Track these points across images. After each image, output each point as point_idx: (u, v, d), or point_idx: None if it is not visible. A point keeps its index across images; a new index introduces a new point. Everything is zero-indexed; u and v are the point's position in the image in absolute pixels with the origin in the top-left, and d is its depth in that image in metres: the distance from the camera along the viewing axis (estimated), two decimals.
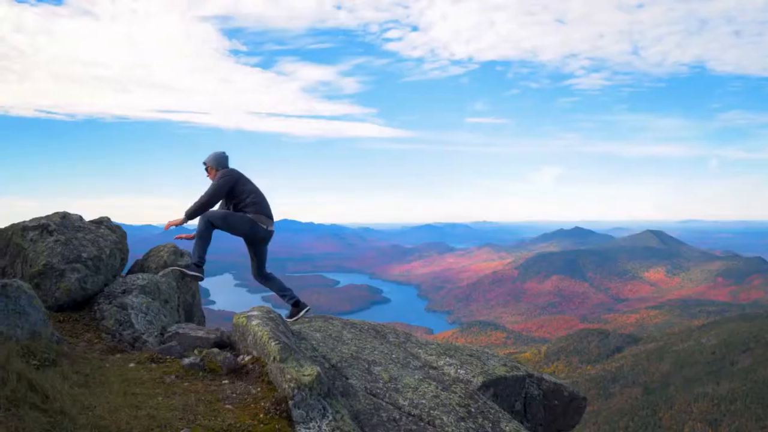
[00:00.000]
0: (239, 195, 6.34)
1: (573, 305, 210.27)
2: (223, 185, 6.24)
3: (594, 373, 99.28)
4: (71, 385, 3.44)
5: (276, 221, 6.73)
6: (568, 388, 6.08)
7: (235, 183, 6.32)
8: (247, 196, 6.35)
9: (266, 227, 6.47)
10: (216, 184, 6.23)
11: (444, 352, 5.81)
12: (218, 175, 6.33)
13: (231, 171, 6.39)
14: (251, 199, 6.35)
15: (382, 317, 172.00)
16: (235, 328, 4.66)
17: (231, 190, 6.33)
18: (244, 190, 6.36)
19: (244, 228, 6.35)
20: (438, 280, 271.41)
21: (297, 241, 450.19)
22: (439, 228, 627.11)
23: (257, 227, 6.38)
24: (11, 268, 5.67)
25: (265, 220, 6.41)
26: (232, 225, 6.30)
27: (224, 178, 6.25)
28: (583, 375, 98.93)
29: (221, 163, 6.49)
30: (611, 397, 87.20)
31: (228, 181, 6.27)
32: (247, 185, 6.43)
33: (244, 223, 6.31)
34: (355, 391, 4.36)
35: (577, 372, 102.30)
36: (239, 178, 6.39)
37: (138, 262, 7.18)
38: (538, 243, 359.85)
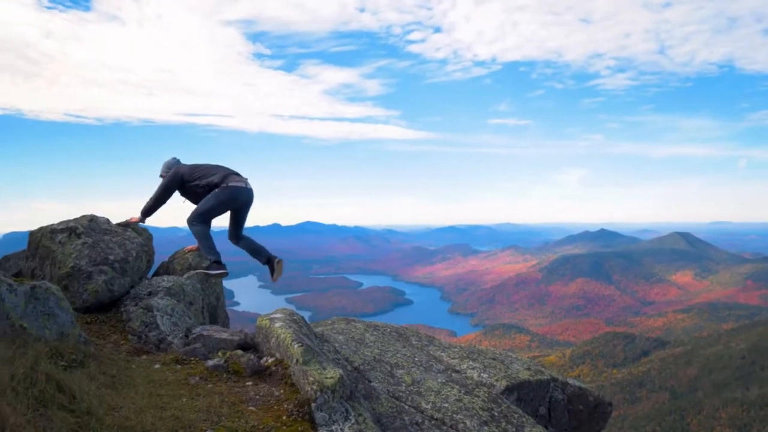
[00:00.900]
0: (195, 179, 6.52)
1: (598, 308, 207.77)
2: (172, 177, 6.52)
3: (620, 377, 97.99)
4: (98, 386, 3.48)
5: (299, 223, 6.91)
6: (593, 393, 6.01)
7: (183, 174, 6.55)
8: (202, 176, 6.50)
9: (245, 185, 6.56)
10: (165, 181, 6.57)
11: (467, 356, 5.77)
12: (165, 178, 6.62)
13: (173, 172, 6.60)
14: (211, 174, 6.50)
15: (405, 319, 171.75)
16: (258, 330, 4.69)
17: (184, 180, 6.55)
18: (196, 175, 6.52)
19: (227, 200, 6.45)
20: (461, 282, 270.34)
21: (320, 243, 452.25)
22: (463, 230, 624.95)
23: (237, 191, 6.46)
24: (40, 270, 5.78)
25: (238, 180, 6.50)
26: (219, 204, 6.45)
27: (171, 174, 6.56)
28: (609, 379, 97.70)
29: (170, 165, 6.79)
30: (637, 401, 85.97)
31: (175, 174, 6.54)
32: (197, 169, 6.59)
33: (225, 197, 6.41)
34: (378, 394, 4.35)
35: (602, 376, 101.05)
36: (184, 172, 6.57)
37: (163, 264, 7.26)
38: (562, 245, 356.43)
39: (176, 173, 6.57)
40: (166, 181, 6.60)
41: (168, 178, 6.59)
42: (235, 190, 6.43)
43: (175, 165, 6.76)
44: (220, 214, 6.61)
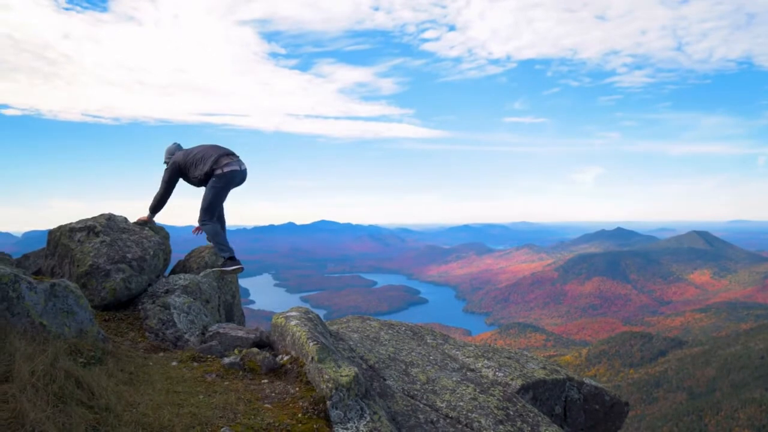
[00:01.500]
0: (192, 167, 6.62)
1: (615, 307, 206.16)
2: (171, 172, 6.68)
3: (637, 377, 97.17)
4: (116, 383, 3.52)
5: (314, 222, 6.99)
6: (609, 393, 5.96)
7: (181, 164, 6.66)
8: (199, 162, 6.58)
9: (240, 167, 6.64)
10: (165, 175, 6.72)
11: (482, 354, 5.76)
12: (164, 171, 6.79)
13: (171, 160, 6.75)
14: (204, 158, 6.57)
15: (419, 318, 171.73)
16: (274, 328, 4.72)
17: (184, 169, 6.66)
18: (192, 162, 6.62)
19: (225, 186, 6.58)
20: (476, 281, 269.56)
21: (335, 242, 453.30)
22: (477, 229, 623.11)
23: (233, 174, 6.56)
24: (59, 268, 5.85)
25: (231, 161, 6.58)
26: (219, 195, 6.60)
27: (169, 168, 6.71)
28: (626, 379, 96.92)
29: (172, 151, 6.93)
30: (654, 401, 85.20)
31: (172, 165, 6.68)
32: (190, 154, 6.67)
33: (222, 184, 6.53)
34: (393, 393, 4.36)
35: (619, 376, 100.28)
36: (180, 162, 6.67)
37: (180, 263, 7.33)
38: (578, 244, 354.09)
39: (174, 165, 6.71)
40: (165, 175, 6.75)
41: (167, 172, 6.74)
42: (230, 174, 6.54)
43: (177, 147, 6.96)
44: (223, 201, 6.78)
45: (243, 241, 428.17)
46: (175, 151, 6.92)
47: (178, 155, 6.74)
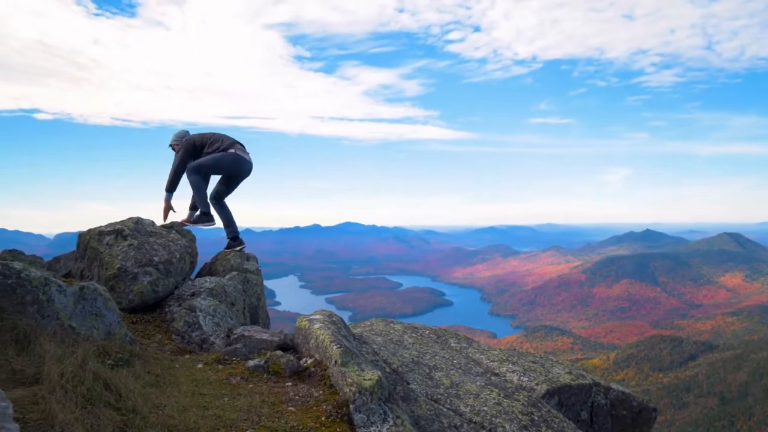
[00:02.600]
0: (205, 146, 7.03)
1: (644, 311, 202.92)
2: (184, 147, 6.98)
3: (666, 381, 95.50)
4: (143, 385, 3.57)
5: (339, 224, 7.17)
6: (637, 398, 5.87)
7: (194, 143, 7.02)
8: (212, 141, 7.04)
9: (248, 158, 7.22)
10: (179, 152, 7.01)
11: (506, 359, 5.71)
12: (177, 151, 7.11)
13: (185, 141, 7.07)
14: (218, 140, 7.05)
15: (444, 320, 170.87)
16: (297, 331, 4.74)
17: (199, 147, 7.04)
18: (205, 142, 7.05)
19: (226, 164, 7.06)
20: (502, 283, 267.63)
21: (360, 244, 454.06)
22: (503, 230, 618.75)
23: (241, 160, 7.12)
24: (89, 271, 5.96)
25: (243, 150, 7.17)
26: (221, 165, 7.07)
27: (182, 147, 7.01)
28: (655, 383, 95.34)
29: (181, 136, 7.28)
30: (685, 406, 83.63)
31: (186, 143, 7.00)
32: (204, 138, 7.09)
33: (228, 160, 7.02)
34: (416, 396, 4.35)
35: (648, 380, 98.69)
36: (195, 139, 7.07)
37: (206, 265, 7.41)
38: (606, 246, 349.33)
39: (188, 142, 7.02)
40: (180, 153, 7.01)
41: (181, 148, 7.00)
42: (238, 157, 7.05)
43: (186, 133, 7.28)
44: (217, 173, 7.27)
45: (269, 243, 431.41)
46: (183, 135, 7.28)
47: (193, 135, 7.13)
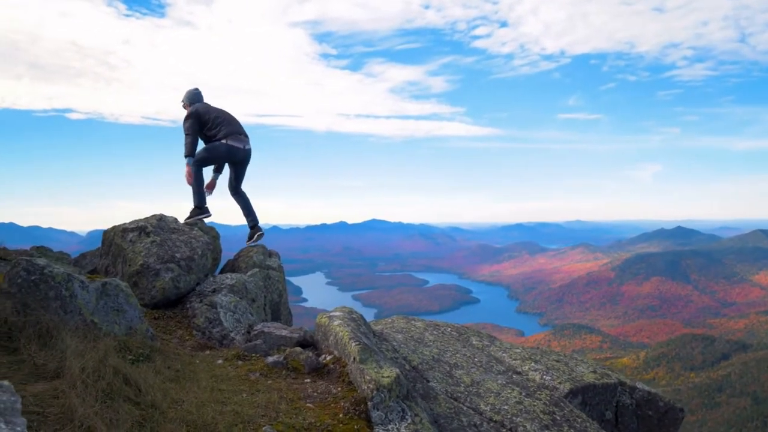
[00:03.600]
0: (207, 125, 7.30)
1: (675, 309, 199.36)
2: (190, 126, 7.21)
3: (698, 381, 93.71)
4: (163, 380, 3.60)
5: (365, 221, 7.16)
6: (663, 399, 5.75)
7: (199, 117, 7.25)
8: (214, 124, 7.30)
9: (243, 146, 7.49)
10: (186, 128, 7.23)
11: (529, 357, 5.64)
12: (184, 118, 7.30)
13: (191, 109, 7.31)
14: (219, 125, 7.30)
15: (471, 318, 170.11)
16: (317, 328, 4.74)
17: (201, 122, 7.28)
18: (209, 120, 7.30)
19: (222, 154, 7.40)
20: (529, 281, 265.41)
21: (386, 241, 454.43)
22: (530, 227, 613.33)
23: (234, 150, 7.39)
24: (113, 267, 6.05)
25: (238, 139, 7.42)
26: (214, 156, 7.41)
27: (188, 121, 7.23)
28: (686, 383, 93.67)
29: (191, 98, 7.52)
30: (717, 407, 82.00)
31: (193, 121, 7.22)
32: (211, 114, 7.34)
33: (221, 150, 7.32)
34: (436, 394, 4.31)
35: (679, 379, 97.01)
36: (201, 113, 7.29)
37: (229, 262, 7.47)
38: (636, 243, 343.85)
39: (195, 114, 7.25)
40: (188, 122, 7.21)
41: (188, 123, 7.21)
42: (230, 147, 7.34)
43: (197, 97, 7.52)
44: (214, 164, 7.67)
45: (296, 240, 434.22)
46: (195, 97, 7.54)
47: (199, 106, 7.35)
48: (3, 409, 1.46)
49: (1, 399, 1.48)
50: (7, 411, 1.46)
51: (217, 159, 7.53)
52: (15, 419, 1.44)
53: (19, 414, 1.49)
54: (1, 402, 1.48)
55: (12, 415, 1.46)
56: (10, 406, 1.48)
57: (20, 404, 1.49)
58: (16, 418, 1.44)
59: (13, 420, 1.43)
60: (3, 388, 1.54)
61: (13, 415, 1.46)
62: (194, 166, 7.35)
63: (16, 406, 1.49)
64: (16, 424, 1.42)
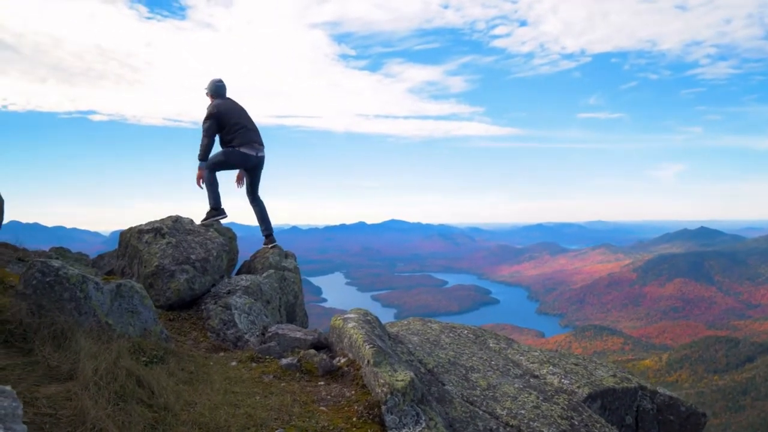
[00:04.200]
0: (225, 129, 7.35)
1: (698, 311, 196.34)
2: (210, 126, 7.30)
3: (722, 383, 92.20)
4: (176, 382, 3.59)
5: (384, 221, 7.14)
6: (685, 403, 5.63)
7: (219, 119, 7.30)
8: (231, 130, 7.34)
9: (256, 153, 7.59)
10: (204, 129, 7.32)
11: (547, 360, 5.55)
12: (204, 117, 7.35)
13: (213, 109, 7.31)
14: (236, 132, 7.35)
15: (491, 319, 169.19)
16: (332, 330, 4.71)
17: (219, 126, 7.34)
18: (228, 124, 7.34)
19: (236, 161, 7.51)
20: (549, 281, 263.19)
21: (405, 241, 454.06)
22: (551, 228, 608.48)
23: (247, 156, 7.48)
24: (129, 269, 6.08)
25: (252, 147, 7.52)
26: (227, 161, 7.49)
27: (207, 121, 7.31)
28: (710, 385, 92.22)
29: (215, 91, 7.55)
30: (741, 410, 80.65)
31: (212, 122, 7.28)
32: (231, 118, 7.38)
33: (235, 157, 7.44)
34: (451, 398, 4.26)
35: (702, 382, 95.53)
36: (222, 115, 7.32)
37: (245, 263, 7.48)
38: (658, 244, 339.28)
39: (215, 115, 7.29)
40: (206, 128, 7.29)
41: (207, 124, 7.28)
42: (242, 154, 7.44)
43: (220, 89, 7.58)
44: (227, 169, 7.69)
45: (315, 240, 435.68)
46: (219, 90, 7.57)
47: (220, 105, 7.38)
48: (4, 415, 1.44)
49: (2, 405, 1.46)
50: (8, 417, 1.44)
51: (230, 165, 7.63)
52: (15, 426, 1.42)
53: (20, 420, 1.46)
54: (2, 408, 1.46)
55: (12, 422, 1.43)
56: (11, 411, 1.46)
57: (21, 410, 1.47)
58: (17, 425, 1.42)
59: (14, 427, 1.41)
60: (5, 393, 1.52)
61: (13, 422, 1.44)
62: (208, 169, 7.46)
63: (17, 411, 1.47)
64: (16, 430, 1.40)
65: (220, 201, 7.54)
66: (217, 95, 7.55)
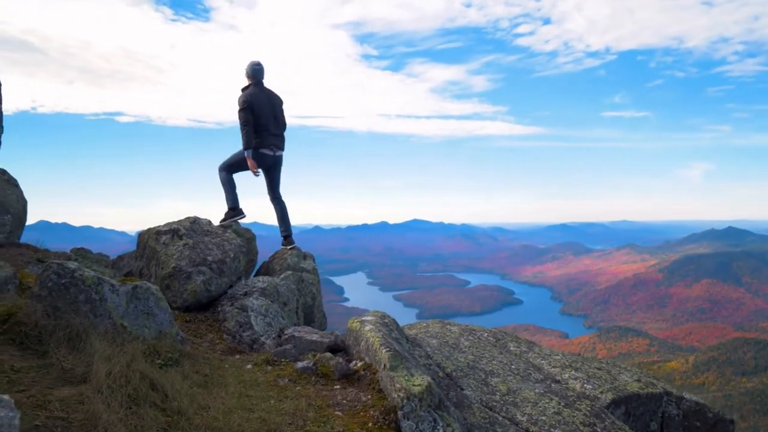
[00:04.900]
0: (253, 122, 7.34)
1: (726, 312, 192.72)
2: (246, 116, 7.30)
3: (750, 386, 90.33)
4: (190, 385, 3.56)
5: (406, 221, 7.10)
6: (712, 410, 5.46)
7: (254, 108, 7.32)
8: (254, 124, 7.35)
9: (273, 153, 7.64)
10: (242, 120, 7.32)
11: (569, 364, 5.43)
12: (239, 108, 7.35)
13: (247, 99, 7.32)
14: (261, 132, 7.39)
15: (514, 319, 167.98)
16: (349, 333, 4.65)
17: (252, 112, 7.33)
18: (258, 116, 7.36)
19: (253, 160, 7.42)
20: (573, 282, 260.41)
21: (427, 241, 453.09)
22: (575, 228, 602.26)
23: (263, 156, 7.51)
24: (147, 270, 6.09)
25: (269, 147, 7.56)
26: (245, 163, 7.46)
27: (243, 112, 7.30)
28: (738, 388, 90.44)
29: (253, 73, 7.61)
30: None
31: (248, 112, 7.29)
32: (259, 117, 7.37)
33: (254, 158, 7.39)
34: (470, 403, 4.17)
35: (730, 384, 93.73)
36: (255, 109, 7.33)
37: (264, 264, 7.47)
38: (685, 244, 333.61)
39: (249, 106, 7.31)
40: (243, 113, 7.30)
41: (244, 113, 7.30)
42: (259, 154, 7.47)
43: (257, 73, 7.57)
44: (245, 170, 7.66)
45: (337, 240, 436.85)
46: (257, 73, 7.57)
47: (253, 98, 7.38)
48: (0, 426, 1.40)
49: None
50: (4, 427, 1.40)
51: (246, 166, 7.60)
52: None
53: (16, 430, 1.42)
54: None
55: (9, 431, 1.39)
56: (8, 422, 1.42)
57: (18, 420, 1.43)
58: None
59: None
60: (2, 402, 1.49)
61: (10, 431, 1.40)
62: (225, 170, 7.54)
63: (14, 422, 1.43)
64: None
65: (237, 201, 7.56)
66: (254, 78, 7.54)
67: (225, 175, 7.56)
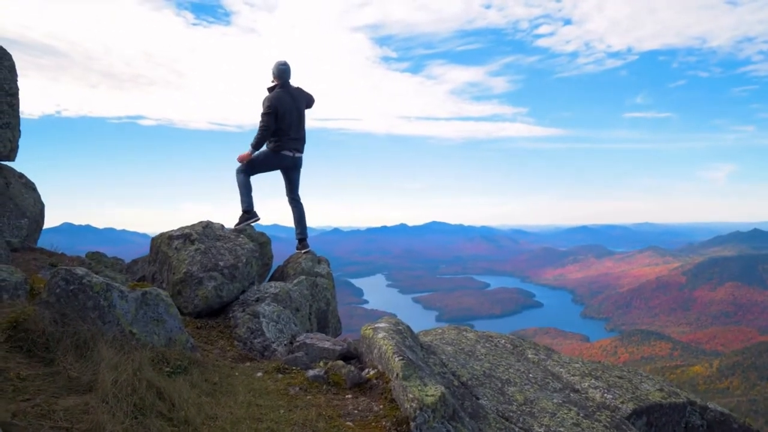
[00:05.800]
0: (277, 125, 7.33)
1: (751, 316, 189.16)
2: (269, 122, 7.27)
3: None
4: (198, 394, 3.50)
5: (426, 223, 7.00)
6: (737, 420, 5.28)
7: (278, 112, 7.27)
8: (278, 131, 7.37)
9: (293, 155, 7.65)
10: (263, 123, 7.29)
11: (589, 373, 5.28)
12: (264, 110, 7.30)
13: (273, 103, 7.28)
14: (282, 135, 7.40)
15: (534, 322, 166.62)
16: (362, 340, 4.55)
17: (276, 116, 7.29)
18: (282, 119, 7.33)
19: (272, 163, 7.66)
20: (595, 285, 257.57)
21: (447, 243, 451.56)
22: (596, 230, 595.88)
23: (282, 157, 7.57)
24: (159, 275, 6.06)
25: (289, 150, 7.57)
26: (264, 165, 7.61)
27: (266, 116, 7.26)
28: (763, 393, 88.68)
29: (279, 74, 7.50)
30: None
31: (272, 117, 7.26)
32: (283, 121, 7.34)
33: (271, 159, 7.58)
34: (486, 413, 4.05)
35: (755, 389, 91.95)
36: (279, 114, 7.28)
37: (279, 268, 7.40)
38: (709, 246, 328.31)
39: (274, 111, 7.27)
40: (263, 122, 7.28)
41: (264, 119, 7.28)
42: (279, 157, 7.55)
43: (284, 73, 7.51)
44: (265, 171, 7.76)
45: (356, 242, 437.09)
46: (282, 72, 7.51)
47: (280, 102, 7.33)
48: None
49: None
50: None
51: (267, 166, 7.69)
52: None
53: None
54: None
55: None
56: None
57: None
58: None
59: None
60: None
61: None
62: (243, 172, 7.50)
63: None
64: None
65: (252, 204, 7.54)
66: (280, 78, 7.51)
67: (243, 177, 7.56)
